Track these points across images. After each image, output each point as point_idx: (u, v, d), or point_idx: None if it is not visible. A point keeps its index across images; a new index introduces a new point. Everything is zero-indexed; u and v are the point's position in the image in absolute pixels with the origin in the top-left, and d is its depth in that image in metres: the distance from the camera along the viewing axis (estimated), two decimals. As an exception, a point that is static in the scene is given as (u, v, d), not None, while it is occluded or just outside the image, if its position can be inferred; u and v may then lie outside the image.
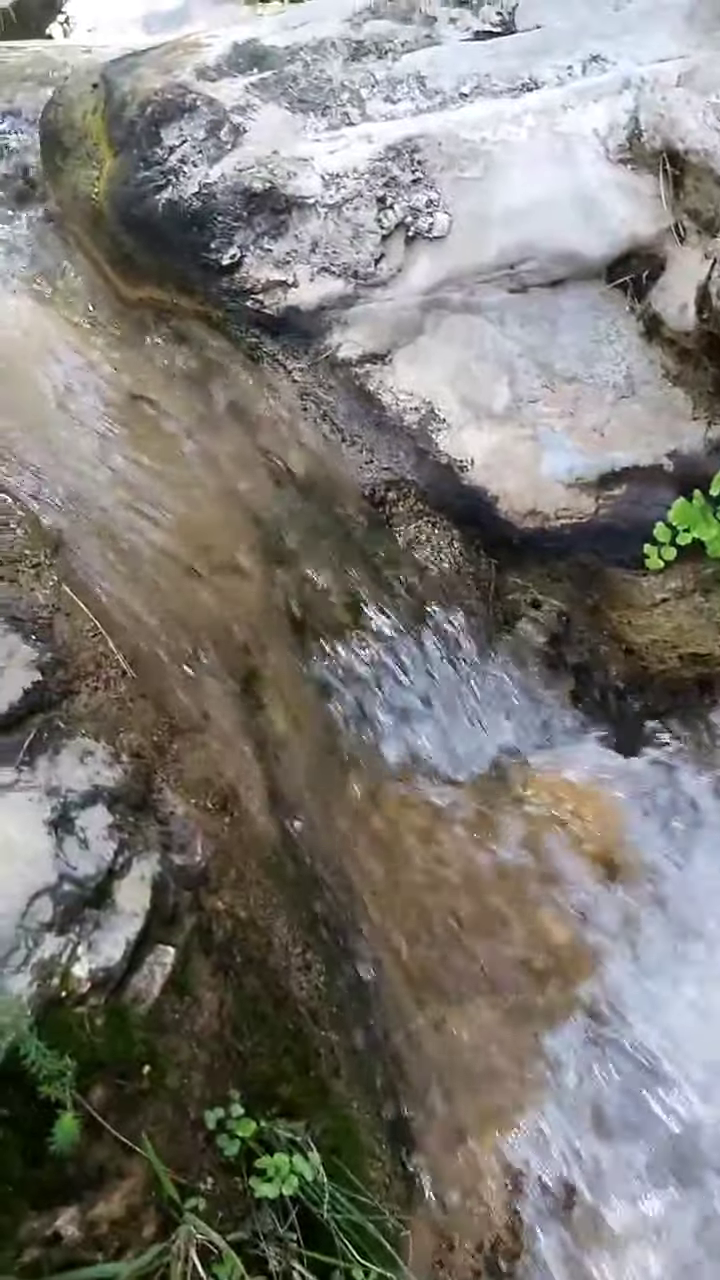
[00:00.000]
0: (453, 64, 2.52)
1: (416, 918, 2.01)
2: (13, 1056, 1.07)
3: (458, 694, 2.42)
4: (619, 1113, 1.90)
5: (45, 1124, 1.12)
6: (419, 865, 2.06)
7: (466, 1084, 1.95)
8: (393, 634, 2.39)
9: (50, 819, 1.33)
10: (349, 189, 2.39)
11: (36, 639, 1.65)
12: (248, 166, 2.40)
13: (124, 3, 7.35)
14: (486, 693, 2.45)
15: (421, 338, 2.50)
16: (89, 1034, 1.19)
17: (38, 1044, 1.06)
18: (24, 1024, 1.05)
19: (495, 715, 2.44)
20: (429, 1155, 1.84)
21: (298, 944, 1.69)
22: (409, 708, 2.34)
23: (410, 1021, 1.94)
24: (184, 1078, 1.31)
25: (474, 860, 2.13)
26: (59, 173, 2.83)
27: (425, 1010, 1.97)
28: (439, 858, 2.09)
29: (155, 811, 1.54)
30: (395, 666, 2.36)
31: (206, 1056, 1.36)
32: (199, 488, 2.31)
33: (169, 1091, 1.29)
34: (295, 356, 2.50)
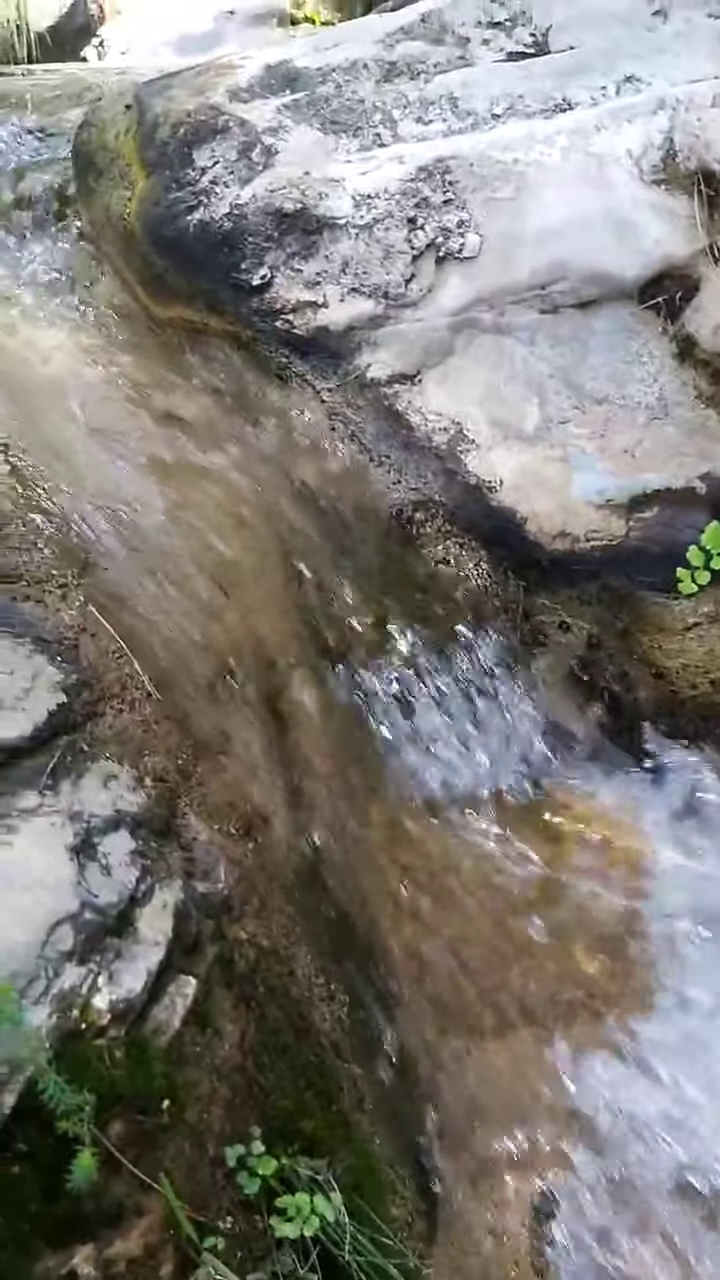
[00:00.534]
0: (485, 85, 2.52)
1: (441, 946, 1.97)
2: (31, 1090, 1.05)
3: (485, 717, 2.39)
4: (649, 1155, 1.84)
5: (63, 1159, 1.09)
6: (444, 892, 2.02)
7: (491, 1119, 1.90)
8: (420, 655, 2.37)
9: (73, 844, 1.31)
10: (380, 209, 2.39)
11: (62, 660, 1.64)
12: (279, 187, 2.41)
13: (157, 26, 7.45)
14: (514, 716, 2.42)
15: (451, 358, 2.48)
16: (108, 1067, 1.16)
17: (56, 1079, 1.04)
18: (43, 1058, 1.03)
19: (523, 739, 2.40)
20: (452, 1192, 1.79)
21: (320, 974, 1.65)
22: (435, 730, 2.31)
23: (434, 1053, 1.90)
24: (204, 1112, 1.28)
25: (500, 888, 2.09)
26: (91, 193, 2.85)
27: (450, 1042, 1.93)
28: (464, 884, 2.06)
29: (178, 837, 1.51)
30: (422, 688, 2.34)
31: (227, 1090, 1.33)
32: (226, 507, 2.30)
33: (189, 1127, 1.26)
34: (324, 376, 2.50)
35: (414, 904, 1.98)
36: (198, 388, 2.62)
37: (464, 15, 2.66)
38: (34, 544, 1.91)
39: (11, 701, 1.48)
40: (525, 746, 2.40)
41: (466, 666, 2.42)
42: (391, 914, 1.93)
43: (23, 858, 1.23)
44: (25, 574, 1.82)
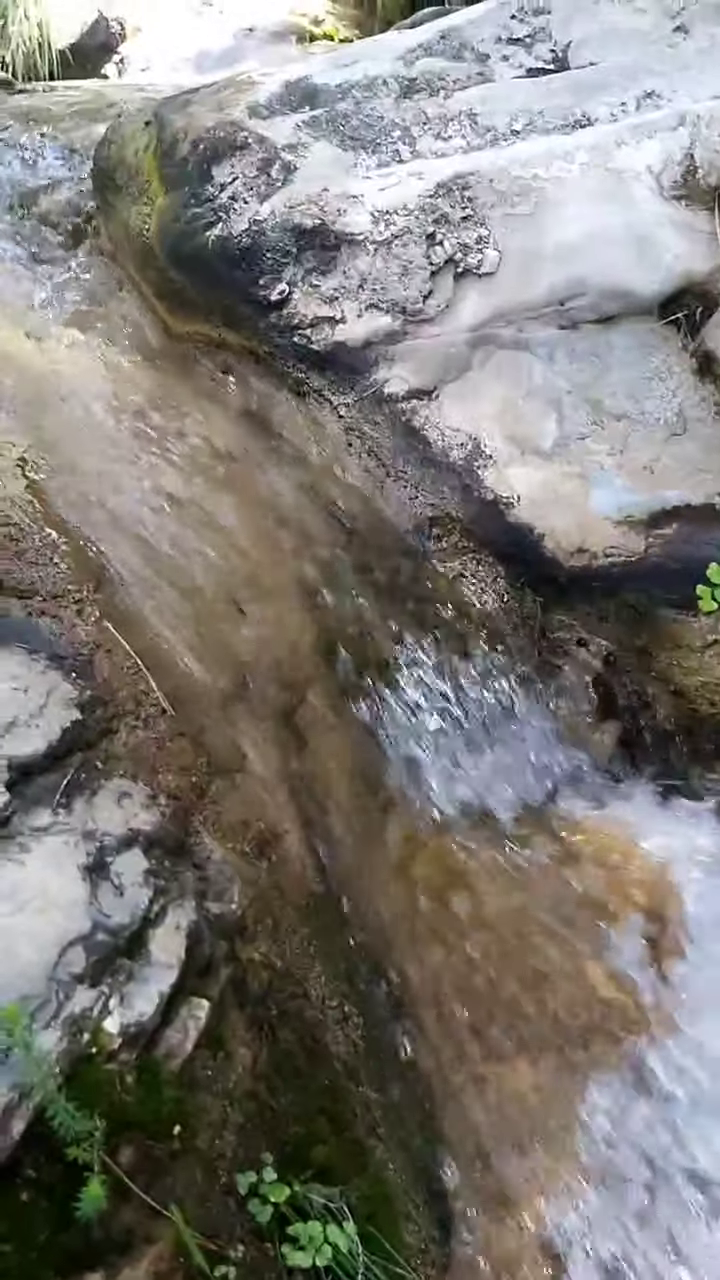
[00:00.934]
0: (505, 101, 2.52)
1: (457, 968, 1.94)
2: (40, 1117, 1.04)
3: (501, 734, 2.37)
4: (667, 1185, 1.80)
5: (72, 1186, 1.07)
6: (460, 913, 2.00)
7: (507, 1144, 1.87)
8: (436, 672, 2.35)
9: (86, 864, 1.29)
10: (399, 225, 2.39)
11: (77, 676, 1.63)
12: (298, 203, 2.41)
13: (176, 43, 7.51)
14: (531, 734, 2.39)
15: (469, 373, 2.48)
16: (119, 1092, 1.14)
17: (65, 1106, 1.02)
18: (52, 1084, 1.02)
19: (540, 757, 2.38)
20: (467, 1220, 1.76)
21: (334, 996, 1.63)
22: (451, 748, 2.29)
23: (450, 1077, 1.87)
24: (216, 1138, 1.26)
25: (517, 909, 2.06)
26: (111, 209, 2.87)
27: (465, 1065, 1.90)
28: (480, 905, 2.03)
29: (192, 856, 1.50)
30: (438, 705, 2.32)
31: (239, 1116, 1.31)
32: (242, 523, 2.29)
33: (200, 1153, 1.24)
34: (341, 392, 2.49)
35: (429, 924, 1.96)
36: (215, 403, 2.63)
37: (484, 32, 2.66)
38: (50, 559, 1.90)
39: (26, 718, 1.47)
40: (541, 764, 2.37)
41: (482, 683, 2.39)
42: (406, 934, 1.91)
43: (35, 878, 1.22)
44: (41, 589, 1.81)
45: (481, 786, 2.22)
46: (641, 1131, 1.87)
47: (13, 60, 6.20)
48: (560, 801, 2.29)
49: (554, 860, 2.17)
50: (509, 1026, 1.98)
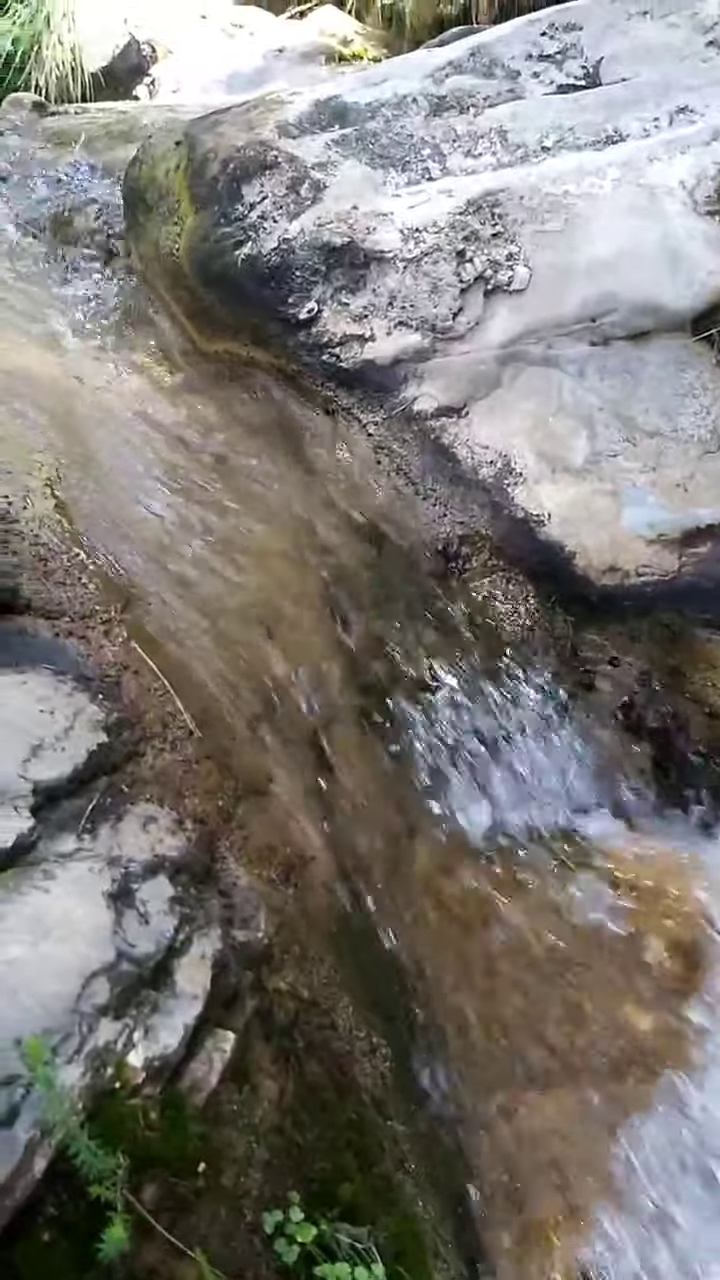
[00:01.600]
0: (535, 118, 2.50)
1: (487, 998, 1.90)
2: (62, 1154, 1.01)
3: (530, 756, 2.33)
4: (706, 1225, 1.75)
5: (95, 1225, 1.05)
6: (490, 941, 1.96)
7: (537, 1181, 1.82)
8: (465, 692, 2.32)
9: (110, 891, 1.27)
10: (428, 243, 2.37)
11: (104, 698, 1.61)
12: (327, 222, 2.40)
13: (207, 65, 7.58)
14: (562, 756, 2.35)
15: (499, 391, 2.45)
16: (142, 1129, 1.11)
17: (88, 1144, 1.00)
18: (74, 1121, 0.99)
19: (571, 781, 2.34)
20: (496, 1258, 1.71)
21: (362, 1025, 1.60)
22: (480, 770, 2.25)
23: (479, 1110, 1.83)
24: (241, 1175, 1.23)
25: (548, 937, 2.02)
26: (141, 229, 2.88)
27: (495, 1098, 1.86)
28: (511, 933, 1.99)
29: (218, 882, 1.47)
30: (467, 727, 2.28)
31: (265, 1152, 1.27)
32: (271, 541, 2.28)
33: (225, 1191, 1.21)
34: (370, 410, 2.48)
35: (457, 952, 1.92)
36: (243, 421, 2.62)
37: (514, 49, 2.65)
38: (78, 579, 1.90)
39: (52, 741, 1.46)
40: (573, 788, 2.33)
41: (512, 704, 2.36)
42: (435, 962, 1.87)
43: (60, 906, 1.19)
44: (69, 610, 1.81)
45: (511, 811, 2.18)
46: (678, 1169, 1.82)
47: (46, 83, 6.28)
48: (593, 826, 2.24)
49: (586, 887, 2.12)
50: (540, 1058, 1.93)
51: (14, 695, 1.51)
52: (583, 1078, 1.91)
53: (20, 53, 6.29)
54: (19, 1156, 0.97)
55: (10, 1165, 0.96)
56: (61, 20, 6.44)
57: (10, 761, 1.37)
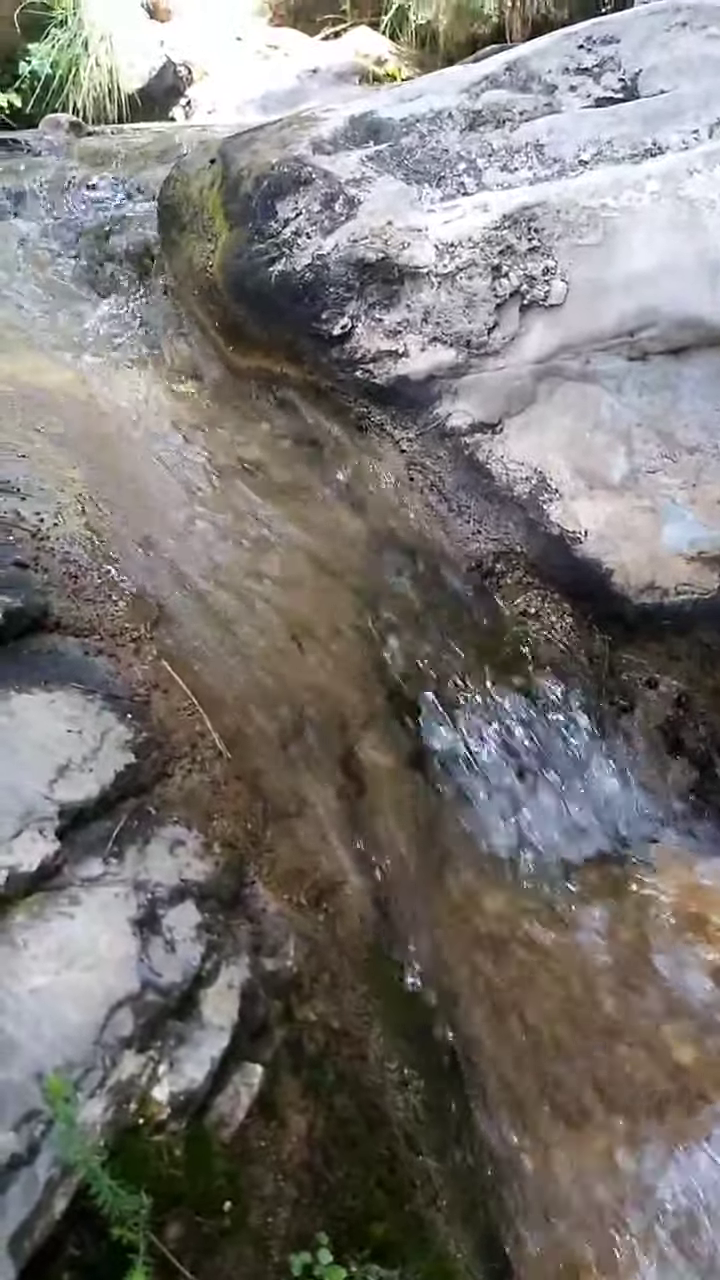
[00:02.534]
0: (573, 131, 2.47)
1: (522, 1028, 1.84)
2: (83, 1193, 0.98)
3: (568, 779, 2.27)
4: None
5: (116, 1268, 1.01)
6: (525, 969, 1.90)
7: (574, 1217, 1.76)
8: (498, 712, 2.27)
9: (136, 917, 1.24)
10: (464, 258, 2.35)
11: (132, 718, 1.59)
12: (361, 237, 2.39)
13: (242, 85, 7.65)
14: (599, 778, 2.30)
15: (534, 406, 2.42)
16: (167, 1166, 1.08)
17: (110, 1184, 0.96)
18: (96, 1160, 0.96)
19: (609, 803, 2.28)
20: (532, 1301, 1.65)
21: (394, 1057, 1.55)
22: (515, 792, 2.20)
23: (515, 1145, 1.77)
24: (268, 1215, 1.19)
25: (585, 965, 1.96)
26: (175, 246, 2.88)
27: (530, 1134, 1.80)
28: (546, 961, 1.93)
29: (246, 908, 1.44)
30: (501, 747, 2.24)
31: (293, 1190, 1.23)
32: (303, 559, 2.25)
33: (251, 1230, 1.17)
34: (403, 426, 2.46)
35: (492, 979, 1.87)
36: (275, 437, 2.60)
37: (551, 63, 2.63)
38: (108, 596, 1.88)
39: (79, 761, 1.44)
40: (609, 810, 2.27)
41: (547, 725, 2.31)
42: (468, 990, 1.82)
43: (85, 933, 1.17)
44: (99, 627, 1.79)
45: (547, 834, 2.13)
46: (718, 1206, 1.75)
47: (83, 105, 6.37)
48: (631, 850, 2.18)
49: (624, 912, 2.06)
50: (576, 1090, 1.87)
51: (42, 715, 1.49)
52: (622, 1111, 1.85)
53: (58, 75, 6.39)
54: (39, 1196, 0.94)
55: (30, 1205, 0.93)
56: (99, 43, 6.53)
57: (37, 783, 1.35)
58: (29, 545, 1.84)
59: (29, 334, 2.92)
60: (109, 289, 3.24)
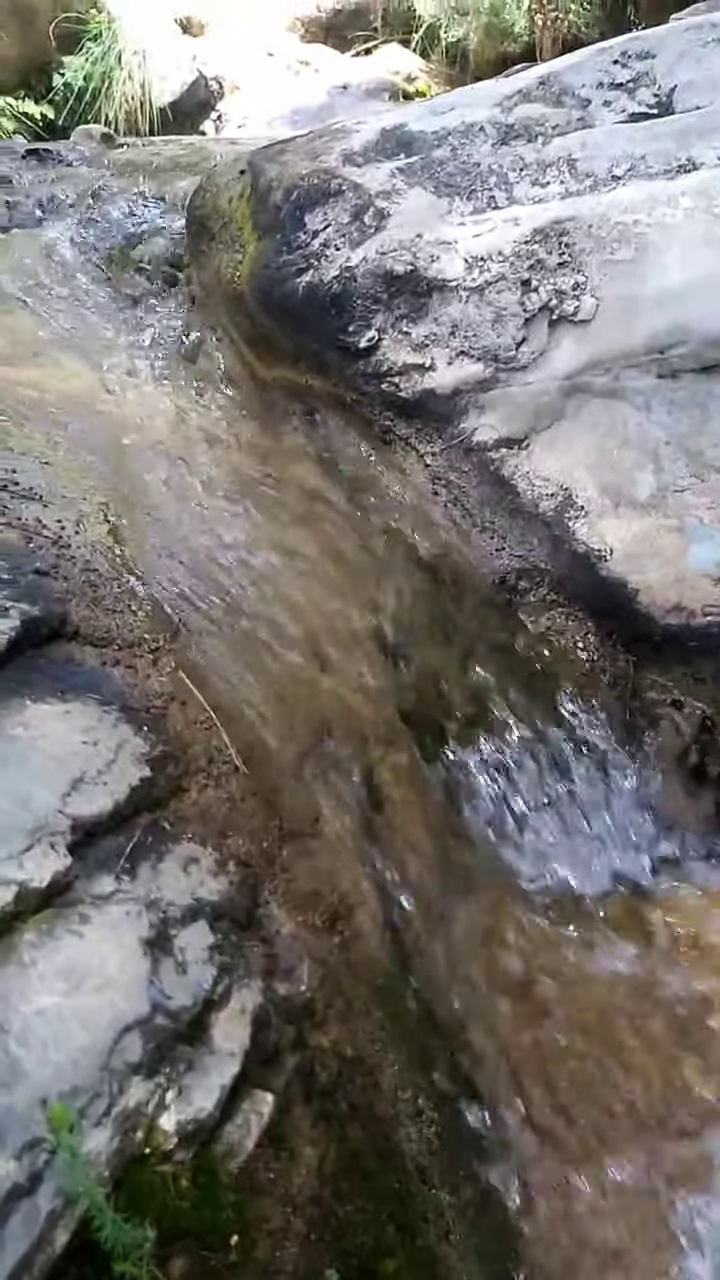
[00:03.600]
0: (606, 146, 2.44)
1: (539, 1058, 1.80)
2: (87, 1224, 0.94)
3: (588, 802, 2.23)
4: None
5: (118, 1302, 0.98)
6: (543, 998, 1.85)
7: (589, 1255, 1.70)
8: (520, 732, 2.23)
9: (147, 937, 1.20)
10: (493, 272, 2.32)
11: (148, 730, 1.56)
12: (390, 250, 2.37)
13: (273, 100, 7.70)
14: (622, 802, 2.25)
15: (561, 423, 2.38)
16: (173, 1197, 1.04)
17: (114, 1216, 0.93)
18: (100, 1193, 0.92)
19: (632, 828, 2.23)
20: (545, 1343, 1.60)
21: (408, 1087, 1.51)
22: (536, 814, 2.16)
23: (529, 1177, 1.72)
24: (277, 1250, 1.15)
25: (605, 995, 1.91)
26: (203, 256, 2.87)
27: (546, 1164, 1.75)
28: (566, 990, 1.88)
29: (259, 929, 1.40)
30: (522, 768, 2.20)
31: (302, 1224, 1.19)
32: (324, 572, 2.22)
33: (259, 1265, 1.13)
34: (428, 440, 2.43)
35: (509, 1009, 1.82)
36: (299, 449, 2.58)
37: (585, 77, 2.60)
38: (128, 606, 1.86)
39: (94, 774, 1.41)
40: (632, 836, 2.22)
41: (569, 746, 2.27)
42: (485, 1019, 1.78)
43: (94, 952, 1.13)
44: (117, 637, 1.77)
45: (568, 860, 2.08)
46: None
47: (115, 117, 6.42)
48: (654, 878, 2.13)
49: (647, 942, 2.01)
50: (594, 1123, 1.82)
51: (57, 725, 1.46)
52: (640, 1146, 1.80)
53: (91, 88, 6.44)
54: (40, 1228, 0.91)
55: (31, 1238, 0.89)
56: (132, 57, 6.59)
57: (50, 795, 1.32)
58: (49, 553, 1.83)
59: (56, 342, 2.91)
60: (136, 298, 3.23)
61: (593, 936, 1.96)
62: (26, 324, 2.95)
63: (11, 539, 1.82)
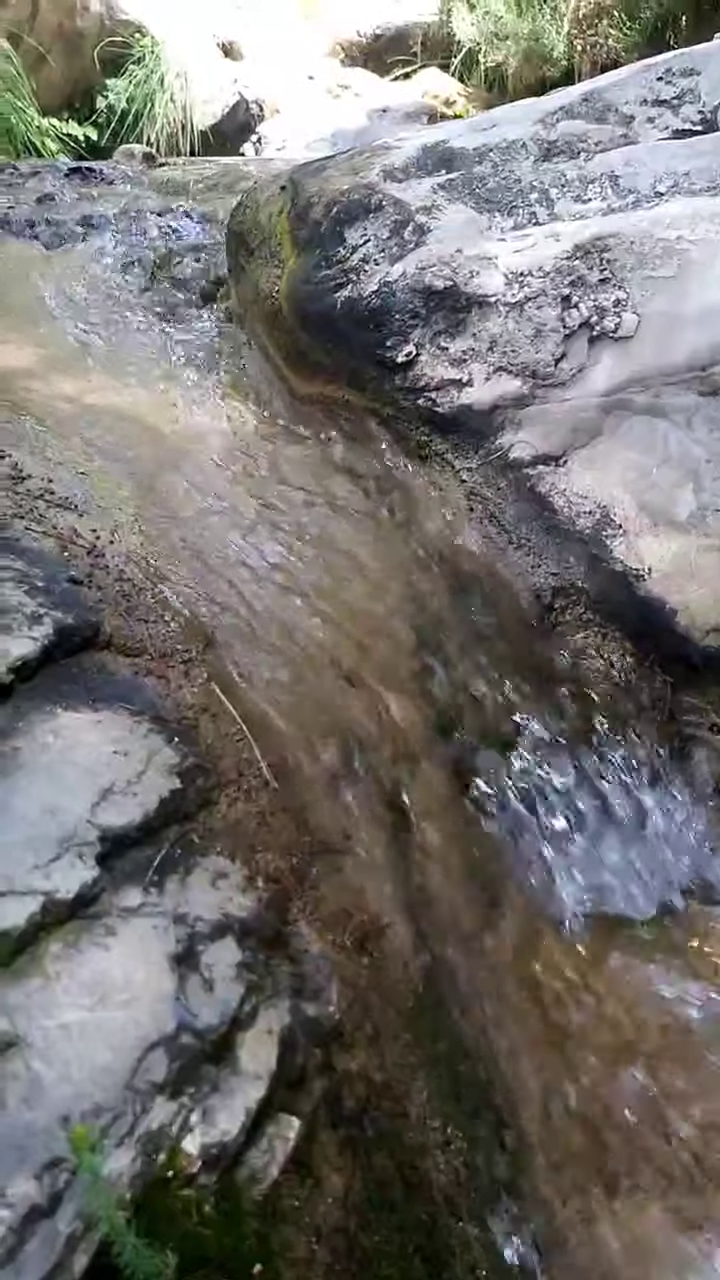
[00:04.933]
0: (649, 163, 2.42)
1: (573, 1089, 1.74)
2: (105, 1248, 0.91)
3: (624, 825, 2.18)
4: None
5: (137, 1331, 0.94)
6: (576, 1026, 1.80)
7: (619, 1299, 1.64)
8: (553, 752, 2.19)
9: (174, 952, 1.18)
10: (533, 288, 2.30)
11: (179, 741, 1.54)
12: (429, 265, 2.36)
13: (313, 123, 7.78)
14: (660, 826, 2.19)
15: (599, 440, 2.35)
16: (195, 1223, 1.01)
17: (134, 1241, 0.89)
18: (120, 1217, 0.89)
19: (667, 851, 2.18)
20: None
21: (436, 1115, 1.46)
22: (569, 836, 2.11)
23: (560, 1214, 1.66)
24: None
25: (638, 1025, 1.85)
26: (242, 271, 2.88)
27: (578, 1201, 1.69)
28: (599, 1019, 1.83)
29: (287, 948, 1.37)
30: (555, 789, 2.15)
31: (327, 1254, 1.15)
32: (358, 587, 2.20)
33: (280, 1297, 1.09)
34: (465, 456, 2.41)
35: (543, 1037, 1.77)
36: (334, 463, 2.57)
37: (628, 94, 2.59)
38: (161, 616, 1.84)
39: (123, 785, 1.39)
40: (670, 861, 2.17)
41: (604, 768, 2.22)
42: (518, 1047, 1.73)
43: (120, 967, 1.11)
44: (149, 647, 1.75)
45: (605, 883, 2.03)
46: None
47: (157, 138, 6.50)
48: (694, 903, 2.07)
49: (680, 971, 1.95)
50: (628, 1160, 1.76)
51: (88, 735, 1.44)
52: (675, 1185, 1.74)
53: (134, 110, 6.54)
54: (59, 1253, 0.88)
55: (49, 1262, 0.86)
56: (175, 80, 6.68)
57: (79, 805, 1.30)
58: (84, 562, 1.82)
59: (95, 355, 2.93)
60: (175, 313, 3.25)
61: (629, 962, 1.91)
62: (66, 337, 2.97)
63: (47, 547, 1.81)
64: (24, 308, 3.09)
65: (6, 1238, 0.86)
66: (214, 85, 7.32)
